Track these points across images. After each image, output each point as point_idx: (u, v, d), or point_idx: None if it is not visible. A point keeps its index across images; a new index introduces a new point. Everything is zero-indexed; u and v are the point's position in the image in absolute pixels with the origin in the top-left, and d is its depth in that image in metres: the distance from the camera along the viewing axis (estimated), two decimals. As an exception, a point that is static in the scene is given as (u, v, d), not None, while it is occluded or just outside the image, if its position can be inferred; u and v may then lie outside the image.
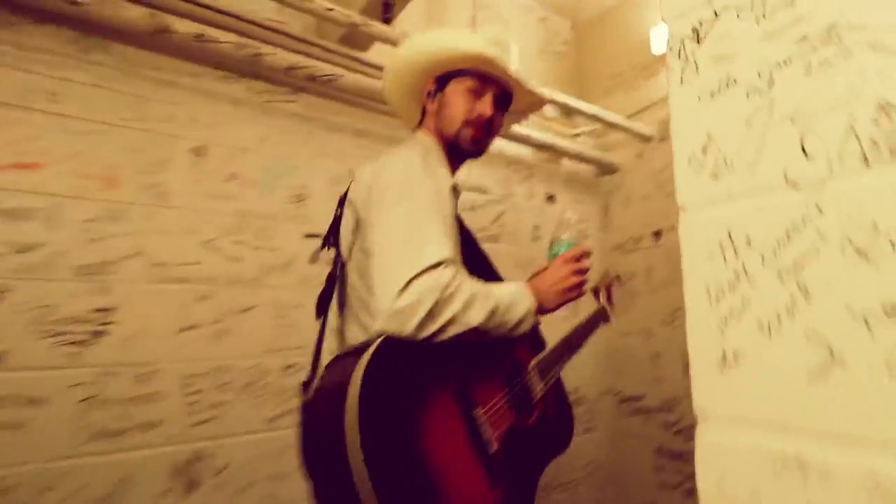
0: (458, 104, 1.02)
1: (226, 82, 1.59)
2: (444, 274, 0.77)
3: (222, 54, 1.47)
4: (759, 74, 0.49)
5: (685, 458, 2.12)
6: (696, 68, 0.54)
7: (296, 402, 1.59)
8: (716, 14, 0.53)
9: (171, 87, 1.50)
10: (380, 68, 1.82)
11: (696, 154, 0.53)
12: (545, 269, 1.02)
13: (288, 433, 1.57)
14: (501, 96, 1.05)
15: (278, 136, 1.66)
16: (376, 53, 1.85)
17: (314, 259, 1.67)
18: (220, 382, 1.48)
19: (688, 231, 0.52)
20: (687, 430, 2.12)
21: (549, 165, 2.43)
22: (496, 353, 0.99)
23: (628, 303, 1.47)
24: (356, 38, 1.76)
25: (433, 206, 0.85)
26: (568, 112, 2.27)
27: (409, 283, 0.76)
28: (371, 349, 0.76)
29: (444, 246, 0.80)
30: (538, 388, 1.02)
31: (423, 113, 1.11)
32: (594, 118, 2.12)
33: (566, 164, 2.47)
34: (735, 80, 0.50)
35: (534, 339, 1.13)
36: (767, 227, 0.45)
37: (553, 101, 2.01)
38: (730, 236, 0.48)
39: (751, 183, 0.48)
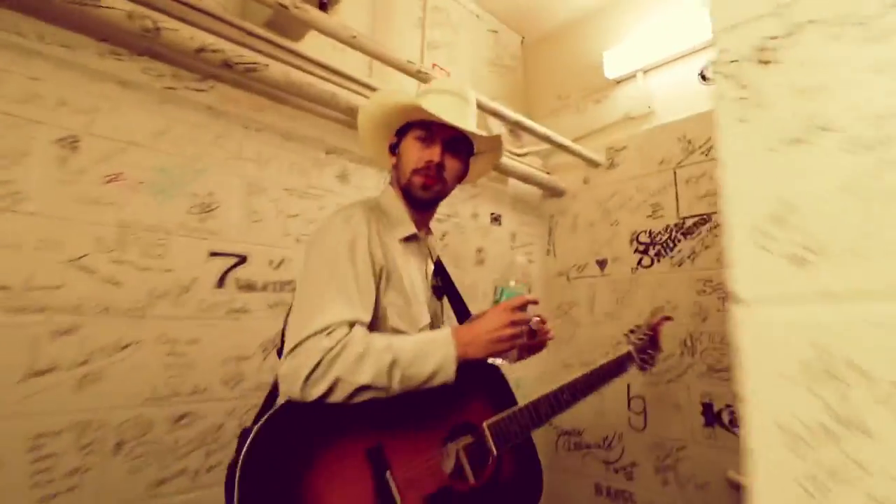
0: (409, 153, 1.04)
1: (113, 59, 1.26)
2: (331, 337, 0.80)
3: (108, 23, 1.16)
4: (867, 122, 0.34)
5: (625, 497, 2.04)
6: (763, 103, 0.38)
7: (191, 461, 1.30)
8: (795, 28, 0.37)
9: (34, 58, 1.16)
10: (313, 61, 1.58)
11: (761, 225, 0.37)
12: (484, 313, 0.96)
13: (181, 499, 1.27)
14: (453, 141, 1.04)
15: (181, 130, 1.36)
16: (310, 44, 1.60)
17: (221, 283, 1.39)
18: (84, 442, 1.15)
19: (750, 335, 0.36)
20: (626, 469, 2.05)
21: (495, 184, 2.29)
22: (434, 409, 0.95)
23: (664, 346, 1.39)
24: (286, 24, 1.50)
25: (336, 268, 0.88)
26: (515, 130, 2.14)
27: (293, 348, 0.81)
28: (271, 411, 0.81)
29: (333, 311, 0.83)
30: (491, 446, 0.95)
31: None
32: (545, 138, 2.00)
33: (512, 183, 2.34)
34: (827, 127, 0.35)
35: (497, 391, 1.07)
36: (891, 353, 0.30)
37: (504, 118, 1.86)
38: (824, 355, 0.33)
39: (859, 281, 0.32)
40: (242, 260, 1.44)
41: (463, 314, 1.14)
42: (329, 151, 1.68)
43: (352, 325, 0.84)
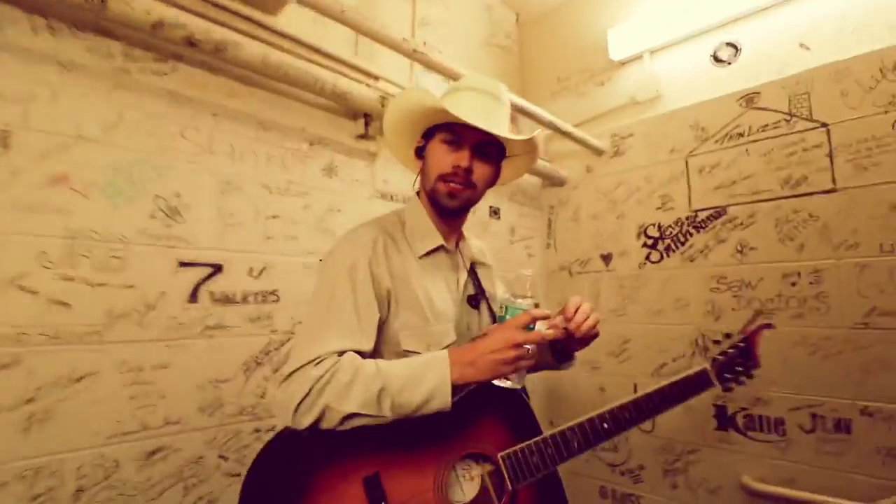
0: (435, 158, 0.96)
1: (51, 36, 1.05)
2: (320, 367, 0.79)
3: (40, -9, 0.95)
4: None
5: (631, 500, 1.96)
6: None
7: (167, 500, 1.14)
8: None
9: (-52, 34, 0.95)
10: (293, 39, 1.39)
11: None
12: (487, 332, 0.88)
13: (154, 544, 1.11)
14: (483, 144, 0.94)
15: (139, 121, 1.16)
16: (289, 19, 1.40)
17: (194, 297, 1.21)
18: (36, 492, 0.98)
19: None
20: (633, 472, 1.96)
21: (491, 174, 2.13)
22: (441, 436, 0.87)
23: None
24: (261, -4, 1.30)
25: (334, 296, 0.86)
26: (513, 114, 1.98)
27: (287, 377, 0.80)
28: (273, 437, 0.82)
29: (326, 341, 0.82)
30: (507, 480, 0.87)
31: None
32: (550, 125, 1.84)
33: (510, 173, 2.19)
34: None
35: (517, 417, 0.95)
36: None
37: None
38: None
39: None
40: (217, 269, 1.26)
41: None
42: (313, 142, 1.49)
43: (344, 354, 0.82)
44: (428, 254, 0.98)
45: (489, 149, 0.96)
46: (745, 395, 1.70)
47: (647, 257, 1.97)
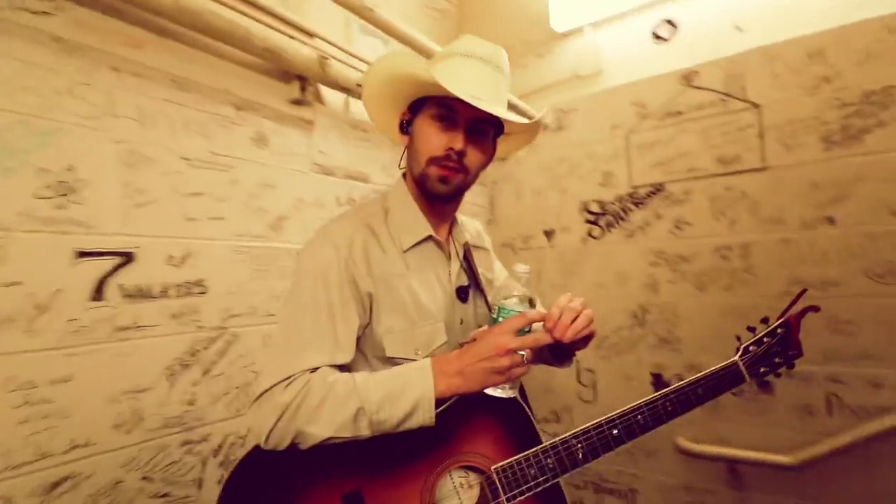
0: (424, 137, 0.83)
1: None
2: (289, 390, 0.72)
3: None
4: None
5: (573, 470, 2.03)
6: None
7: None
8: None
9: None
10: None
11: None
12: (478, 336, 0.80)
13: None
14: (480, 121, 0.82)
15: (13, 73, 0.90)
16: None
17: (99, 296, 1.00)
18: None
19: None
20: (575, 443, 2.03)
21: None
22: (429, 448, 0.80)
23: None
24: (169, -77, 1.06)
25: (306, 305, 0.78)
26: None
27: (258, 397, 0.74)
28: (244, 456, 0.76)
29: (298, 357, 0.75)
30: (501, 496, 0.79)
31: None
32: (497, 97, 1.76)
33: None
34: None
35: (513, 424, 0.85)
36: None
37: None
38: None
39: None
40: (127, 258, 1.05)
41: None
42: (240, 107, 1.29)
43: (316, 371, 0.75)
44: (415, 245, 0.87)
45: (486, 126, 0.84)
46: (679, 362, 1.80)
47: (589, 233, 2.00)
